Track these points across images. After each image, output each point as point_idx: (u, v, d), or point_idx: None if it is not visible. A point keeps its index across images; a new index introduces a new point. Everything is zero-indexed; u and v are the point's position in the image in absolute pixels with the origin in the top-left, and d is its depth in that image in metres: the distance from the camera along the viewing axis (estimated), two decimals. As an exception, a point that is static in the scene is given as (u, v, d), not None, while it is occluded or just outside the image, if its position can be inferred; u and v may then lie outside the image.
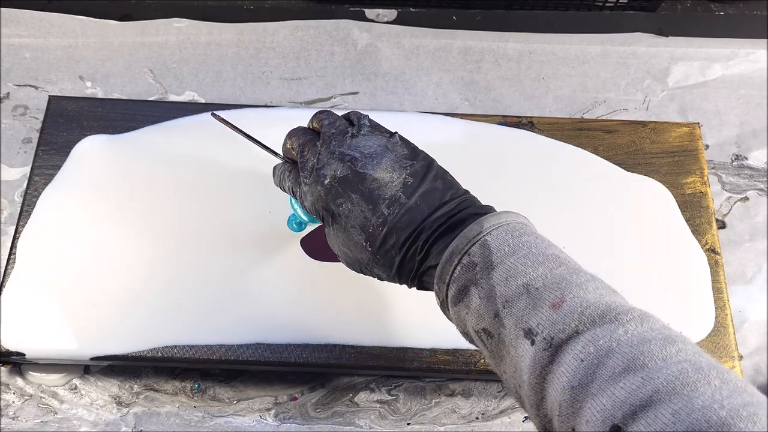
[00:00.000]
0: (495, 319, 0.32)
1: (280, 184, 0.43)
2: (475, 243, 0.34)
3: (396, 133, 0.39)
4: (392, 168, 0.37)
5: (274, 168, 0.44)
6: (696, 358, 0.27)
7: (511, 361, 0.32)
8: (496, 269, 0.33)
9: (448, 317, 0.37)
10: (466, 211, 0.36)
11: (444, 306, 0.36)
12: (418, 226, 0.36)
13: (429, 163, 0.38)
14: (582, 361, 0.28)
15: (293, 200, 0.44)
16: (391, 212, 0.36)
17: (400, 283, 0.39)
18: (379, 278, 0.39)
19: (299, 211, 0.44)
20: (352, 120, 0.40)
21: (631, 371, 0.27)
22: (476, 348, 0.42)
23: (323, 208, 0.38)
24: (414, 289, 0.39)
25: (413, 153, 0.38)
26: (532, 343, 0.31)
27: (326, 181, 0.38)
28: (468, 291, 0.34)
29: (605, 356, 0.28)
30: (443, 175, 0.38)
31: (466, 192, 0.38)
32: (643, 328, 0.29)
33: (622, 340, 0.28)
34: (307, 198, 0.39)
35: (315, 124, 0.41)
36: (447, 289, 0.35)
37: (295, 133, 0.42)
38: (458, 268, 0.34)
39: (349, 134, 0.39)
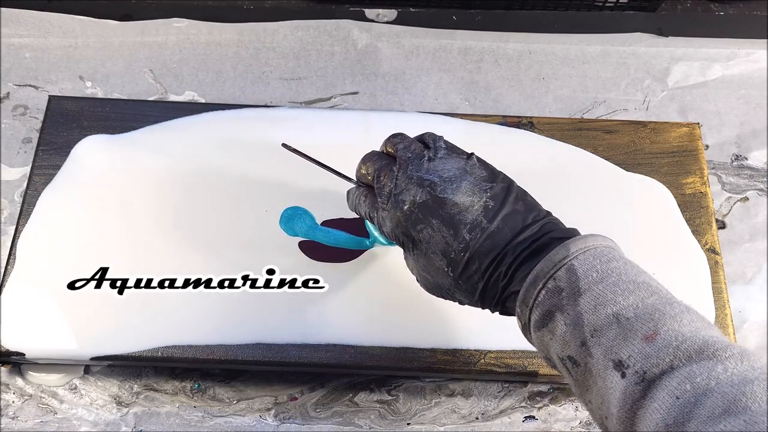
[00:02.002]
0: (582, 348, 0.31)
1: (356, 209, 0.43)
2: (561, 267, 0.33)
3: (473, 154, 0.39)
4: (472, 191, 0.36)
5: (348, 192, 0.44)
6: None
7: (598, 391, 0.31)
8: (584, 296, 0.32)
9: (529, 341, 0.36)
10: (549, 234, 0.35)
11: (526, 330, 0.35)
12: (501, 251, 0.35)
13: (509, 184, 0.37)
14: (677, 398, 0.27)
15: (370, 224, 0.44)
16: (472, 237, 0.35)
17: (483, 308, 0.38)
18: (461, 303, 0.39)
19: (376, 234, 0.44)
20: (428, 142, 0.40)
21: (732, 413, 0.26)
22: (477, 349, 0.42)
23: (403, 233, 0.38)
24: (490, 311, 0.38)
25: (492, 175, 0.38)
26: (623, 375, 0.29)
27: (405, 207, 0.37)
28: (553, 316, 0.33)
29: (703, 395, 0.27)
30: (524, 197, 0.37)
31: (548, 213, 0.37)
32: (743, 366, 0.28)
33: (721, 379, 0.27)
34: (385, 224, 0.39)
35: (389, 149, 0.41)
36: (530, 313, 0.34)
37: (369, 158, 0.41)
38: (543, 292, 0.33)
39: (426, 158, 0.38)
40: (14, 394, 0.51)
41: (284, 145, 0.44)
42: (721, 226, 0.60)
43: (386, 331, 0.49)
